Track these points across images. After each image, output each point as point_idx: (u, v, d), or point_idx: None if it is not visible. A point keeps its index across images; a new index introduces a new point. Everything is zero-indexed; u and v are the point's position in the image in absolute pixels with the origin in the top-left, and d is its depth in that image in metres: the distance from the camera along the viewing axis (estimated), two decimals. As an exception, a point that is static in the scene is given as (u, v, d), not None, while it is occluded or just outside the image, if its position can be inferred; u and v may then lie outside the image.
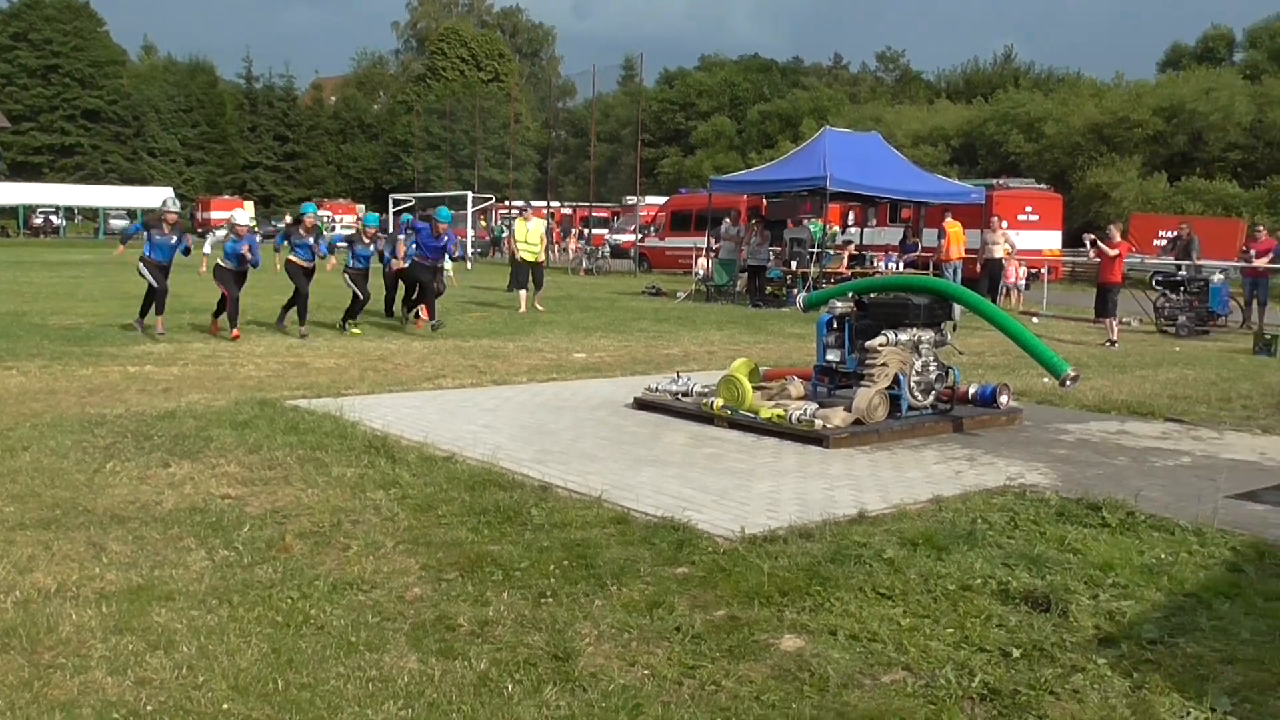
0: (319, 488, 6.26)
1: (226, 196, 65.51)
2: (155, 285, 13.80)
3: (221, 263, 14.01)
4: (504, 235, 34.07)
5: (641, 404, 9.43)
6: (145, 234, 14.06)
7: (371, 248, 15.52)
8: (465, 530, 5.50)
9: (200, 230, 60.58)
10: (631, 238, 38.83)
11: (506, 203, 49.46)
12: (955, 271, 22.40)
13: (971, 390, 9.29)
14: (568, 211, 50.83)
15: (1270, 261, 19.68)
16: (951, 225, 23.00)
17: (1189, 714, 3.57)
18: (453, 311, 18.45)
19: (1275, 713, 3.59)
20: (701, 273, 26.70)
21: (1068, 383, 9.00)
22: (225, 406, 8.76)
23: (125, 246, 15.22)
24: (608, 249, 38.19)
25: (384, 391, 10.04)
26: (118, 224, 58.87)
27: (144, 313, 14.10)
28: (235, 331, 13.84)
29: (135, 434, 7.60)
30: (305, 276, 14.72)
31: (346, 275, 15.19)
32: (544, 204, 46.10)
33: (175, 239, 13.95)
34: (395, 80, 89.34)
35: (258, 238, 14.88)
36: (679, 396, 9.34)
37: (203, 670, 3.78)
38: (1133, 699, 3.68)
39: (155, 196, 63.10)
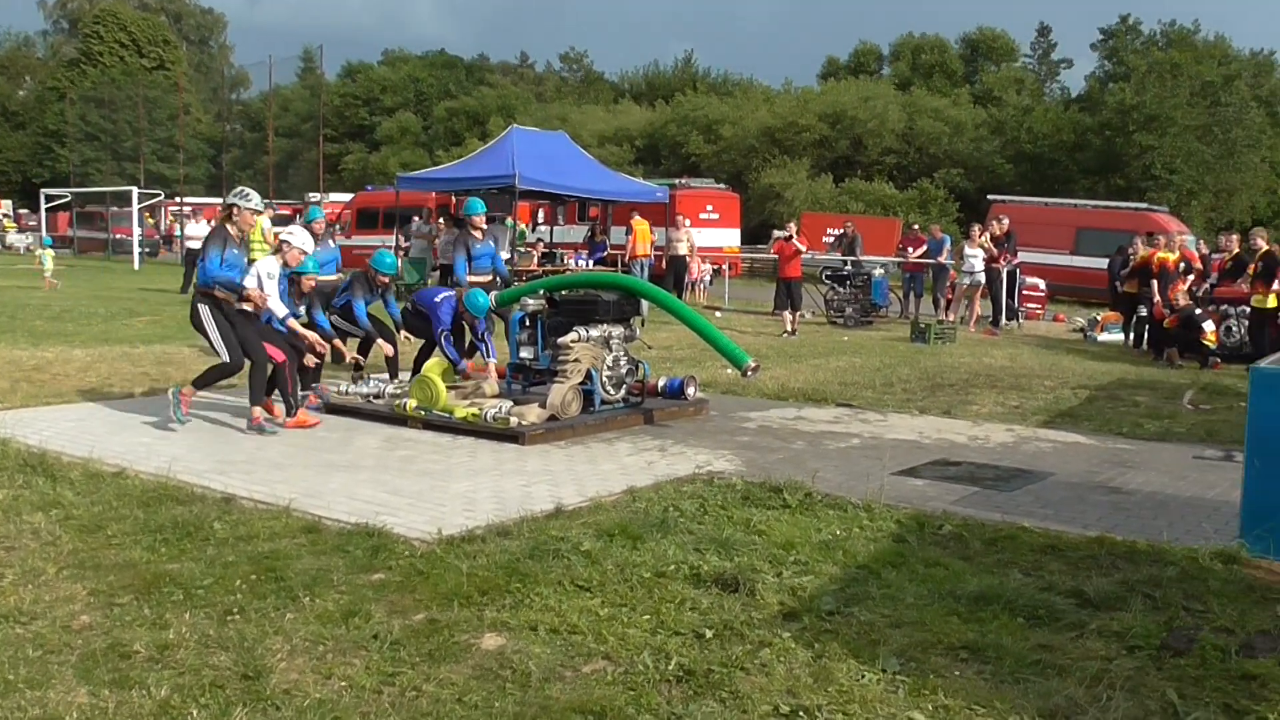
0: (-35, 513, 5.64)
1: None
2: (230, 356, 8.27)
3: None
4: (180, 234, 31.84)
5: (331, 408, 9.12)
6: (213, 249, 8.23)
7: (366, 300, 9.90)
8: (139, 550, 5.12)
9: None
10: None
11: (177, 199, 46.45)
12: (643, 268, 23.08)
13: (661, 383, 9.59)
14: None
15: (922, 257, 21.51)
16: (639, 223, 23.70)
17: (863, 677, 3.83)
18: (118, 316, 17.17)
19: (936, 668, 3.91)
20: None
21: (749, 374, 9.42)
22: None
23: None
24: (290, 247, 36.55)
25: (40, 404, 9.19)
26: None
27: (261, 391, 8.50)
28: (307, 417, 8.59)
29: None
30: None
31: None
32: (219, 201, 43.74)
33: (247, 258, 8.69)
34: (44, 65, 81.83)
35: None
36: (370, 399, 9.10)
37: None
38: (814, 668, 3.91)
39: None
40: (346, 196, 40.65)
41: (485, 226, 11.45)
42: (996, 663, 3.96)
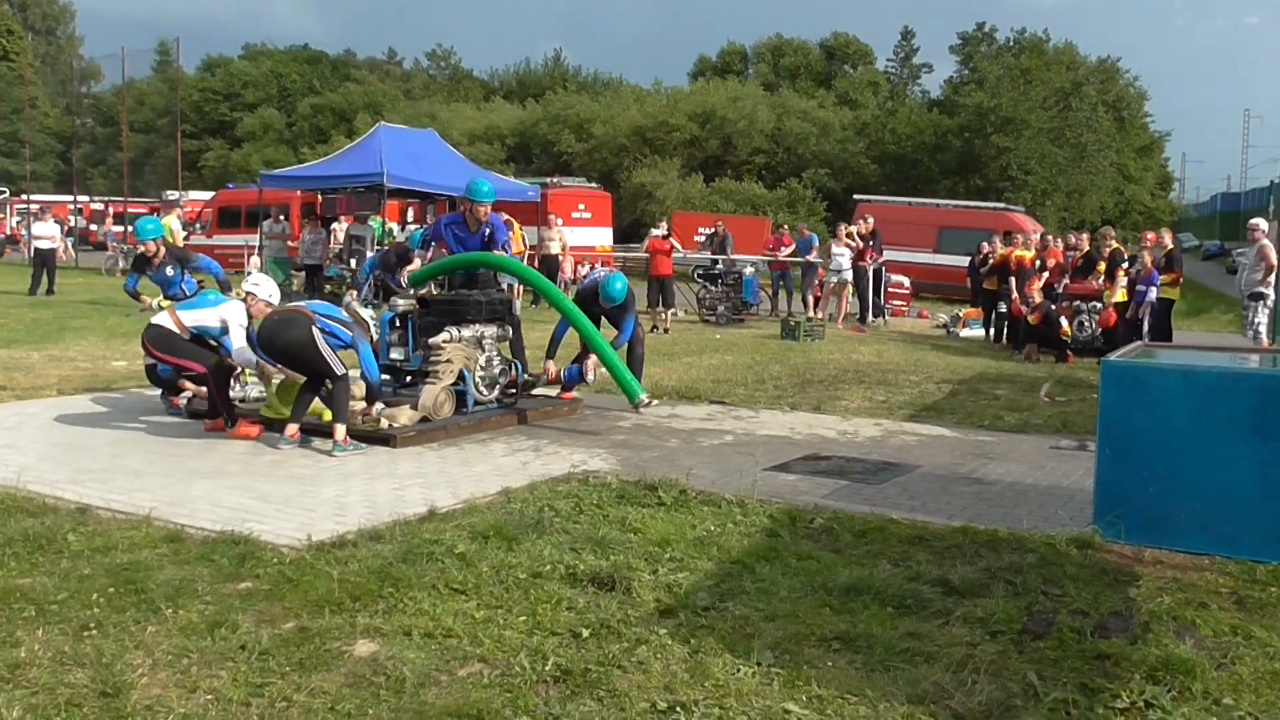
0: None
1: None
2: (342, 368, 7.80)
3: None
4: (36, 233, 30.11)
5: (195, 413, 8.81)
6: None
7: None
8: (-13, 565, 4.87)
9: None
10: (175, 235, 36.23)
11: (25, 196, 44.38)
12: None
13: (560, 370, 9.51)
14: (98, 206, 46.62)
15: (790, 255, 21.89)
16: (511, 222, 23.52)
17: (739, 671, 3.87)
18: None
19: (810, 659, 3.98)
20: (254, 272, 25.48)
21: (640, 408, 9.02)
22: None
23: None
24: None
25: (-124, 413, 8.68)
26: None
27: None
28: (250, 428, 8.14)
29: None
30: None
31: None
32: (70, 199, 41.98)
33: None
34: (-123, 55, 77.24)
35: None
36: (236, 403, 8.83)
37: None
38: (691, 663, 3.93)
39: None
40: (207, 195, 39.48)
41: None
42: (867, 652, 4.05)
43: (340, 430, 7.65)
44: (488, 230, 9.54)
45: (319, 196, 26.66)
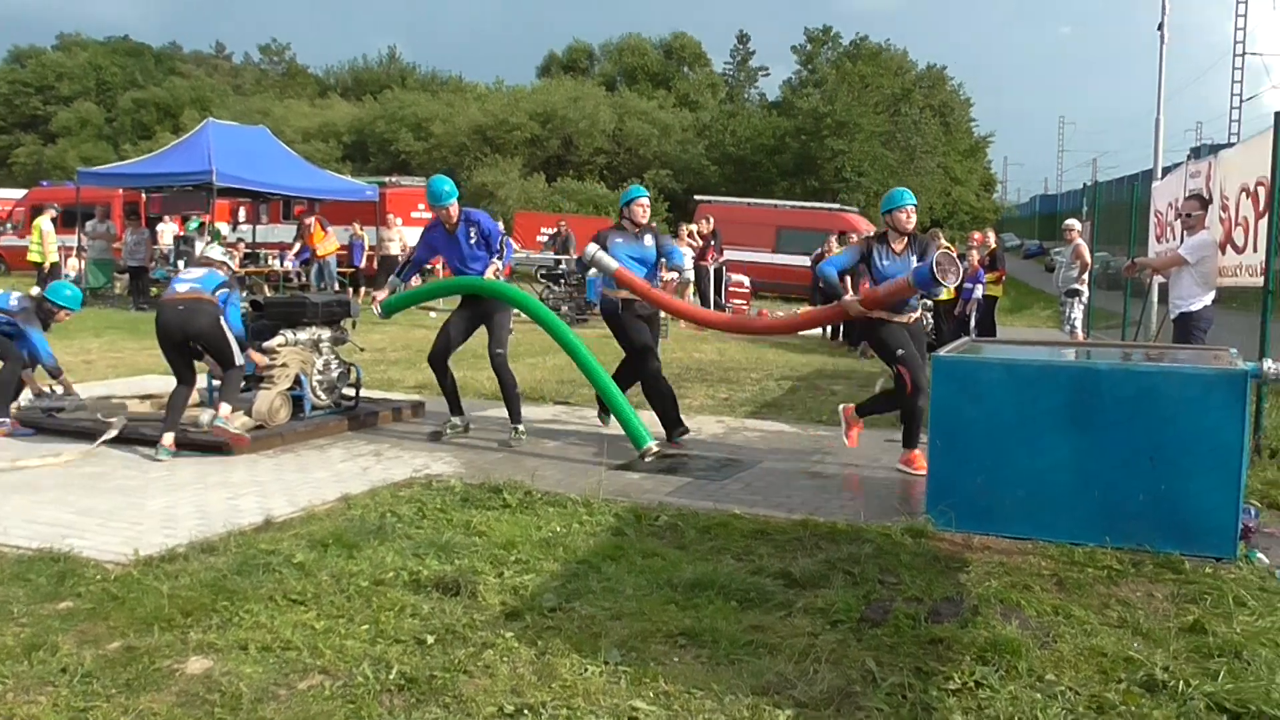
0: None
1: None
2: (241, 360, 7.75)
3: None
4: None
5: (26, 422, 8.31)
6: None
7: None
8: None
9: None
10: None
11: None
12: (324, 267, 22.06)
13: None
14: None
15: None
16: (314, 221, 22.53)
17: (586, 670, 3.87)
18: None
19: (656, 656, 4.01)
20: (73, 274, 24.29)
21: (646, 457, 7.65)
22: None
23: None
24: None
25: None
26: None
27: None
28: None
29: None
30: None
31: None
32: None
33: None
34: None
35: None
36: (52, 414, 8.38)
37: None
38: (538, 665, 3.91)
39: None
40: (19, 193, 37.39)
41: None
42: (713, 646, 4.09)
43: (170, 437, 7.37)
44: (471, 231, 8.61)
45: (143, 195, 25.54)
